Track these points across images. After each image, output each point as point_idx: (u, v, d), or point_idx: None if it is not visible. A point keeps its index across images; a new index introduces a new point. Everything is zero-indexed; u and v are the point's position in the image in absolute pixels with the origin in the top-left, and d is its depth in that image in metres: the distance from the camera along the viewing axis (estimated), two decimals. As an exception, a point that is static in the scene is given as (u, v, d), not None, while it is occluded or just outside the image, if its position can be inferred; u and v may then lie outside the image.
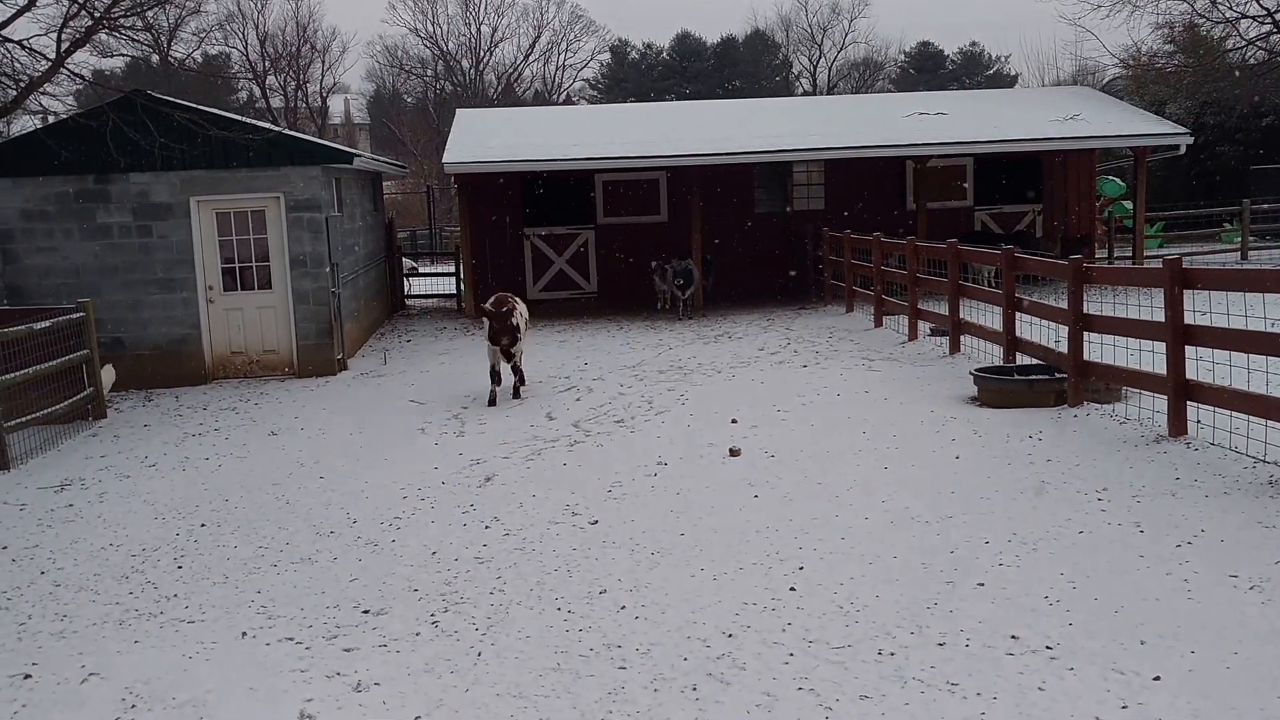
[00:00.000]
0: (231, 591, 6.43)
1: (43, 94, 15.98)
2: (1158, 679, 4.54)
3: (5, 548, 7.55)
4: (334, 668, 5.23)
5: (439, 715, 4.66)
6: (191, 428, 11.44)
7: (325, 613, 5.98)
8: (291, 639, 5.63)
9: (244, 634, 5.74)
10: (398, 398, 12.50)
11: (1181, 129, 20.13)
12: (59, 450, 10.65)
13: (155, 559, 7.12)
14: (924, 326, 13.97)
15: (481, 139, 19.76)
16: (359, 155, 16.81)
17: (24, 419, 10.37)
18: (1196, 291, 8.05)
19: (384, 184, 23.61)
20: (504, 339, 11.58)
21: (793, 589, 5.87)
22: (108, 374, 12.56)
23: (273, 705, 4.85)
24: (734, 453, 8.84)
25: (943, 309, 13.02)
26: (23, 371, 10.45)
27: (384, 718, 4.67)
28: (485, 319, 11.86)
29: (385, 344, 17.11)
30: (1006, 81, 60.62)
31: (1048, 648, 4.92)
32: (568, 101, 57.50)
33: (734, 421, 9.99)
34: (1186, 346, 8.01)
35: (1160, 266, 8.16)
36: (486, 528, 7.35)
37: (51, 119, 16.47)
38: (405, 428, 10.83)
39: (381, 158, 24.39)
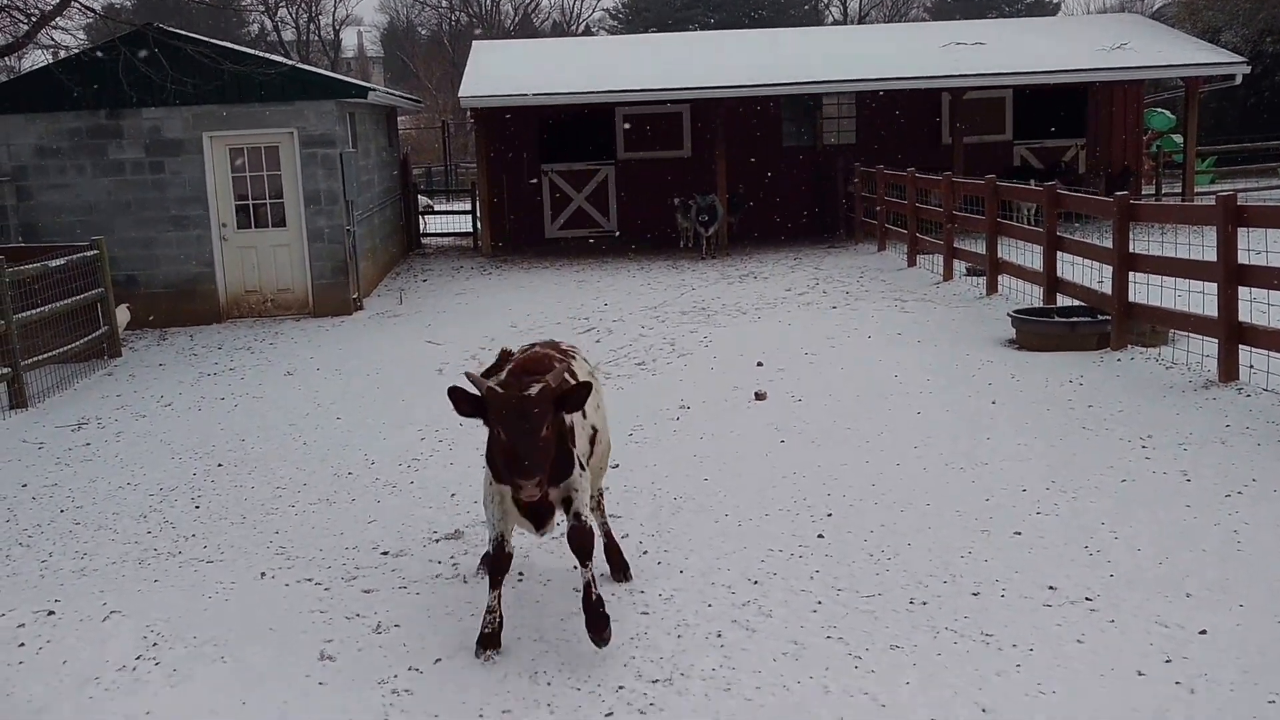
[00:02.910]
0: (249, 532, 6.35)
1: (54, 28, 15.73)
2: (1204, 633, 4.38)
3: (25, 485, 7.51)
4: (353, 609, 5.15)
5: (460, 658, 4.57)
6: (207, 367, 11.35)
7: (344, 554, 5.89)
8: (310, 580, 5.55)
9: (263, 574, 5.67)
10: (414, 338, 12.36)
11: (1237, 57, 19.45)
12: (75, 389, 10.58)
13: (172, 499, 7.05)
14: (960, 266, 13.63)
15: (498, 72, 19.37)
16: (373, 89, 16.51)
17: (40, 357, 10.30)
18: (1251, 230, 7.75)
19: (399, 119, 23.30)
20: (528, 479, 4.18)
21: (821, 536, 5.72)
22: (122, 313, 12.47)
23: (292, 645, 4.78)
24: (759, 396, 8.66)
25: (980, 248, 12.69)
26: (38, 310, 10.35)
27: (404, 660, 4.58)
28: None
29: (401, 283, 16.95)
30: (1049, 9, 58.79)
31: (1087, 599, 4.76)
32: (586, 32, 56.52)
33: (759, 364, 9.79)
34: (1240, 287, 7.72)
35: (1212, 203, 7.85)
36: (507, 470, 7.22)
37: (63, 54, 16.23)
38: (422, 368, 10.69)
39: (396, 92, 24.03)
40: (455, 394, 4.36)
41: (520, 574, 5.50)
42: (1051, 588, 4.90)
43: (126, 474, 7.65)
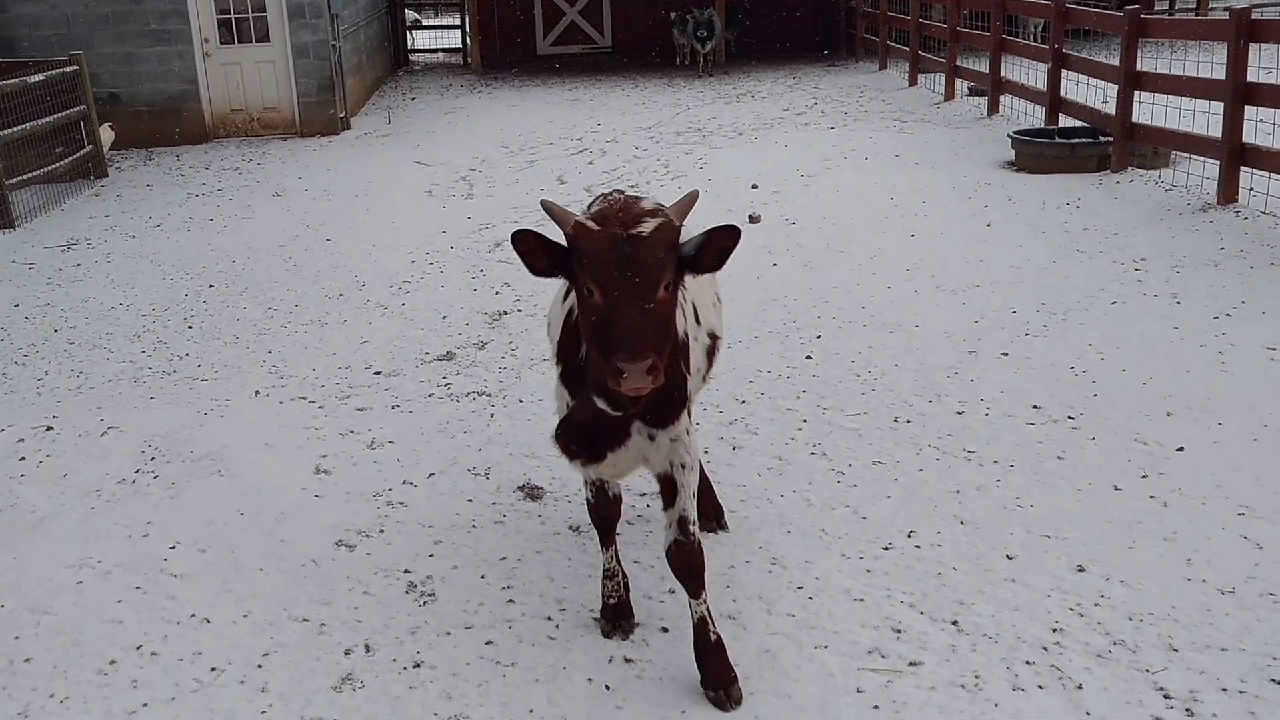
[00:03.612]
0: (242, 351, 6.38)
1: None
2: (1181, 450, 4.46)
3: (17, 305, 7.50)
4: (347, 426, 5.22)
5: (453, 473, 4.65)
6: (194, 188, 11.19)
7: (337, 373, 5.94)
8: (304, 398, 5.61)
9: (257, 393, 5.72)
10: (403, 159, 12.15)
11: None
12: (62, 210, 10.44)
13: (165, 319, 7.05)
14: (962, 85, 13.32)
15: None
16: (357, -107, 15.66)
17: (25, 177, 10.11)
18: (1264, 47, 7.51)
19: (386, -72, 22.17)
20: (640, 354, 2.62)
21: (809, 357, 5.76)
22: (106, 133, 12.18)
23: (288, 460, 4.87)
24: (753, 219, 8.57)
25: (983, 66, 12.37)
26: (20, 127, 10.10)
27: (398, 474, 4.68)
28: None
29: (389, 102, 16.52)
30: None
31: (1070, 418, 4.83)
32: None
33: (754, 187, 9.66)
34: (1246, 107, 7.56)
35: (1225, 18, 7.57)
36: (497, 293, 7.21)
37: None
38: (412, 190, 10.56)
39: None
40: (525, 240, 2.82)
41: (520, 398, 5.55)
42: (1035, 406, 4.97)
43: (118, 294, 7.64)
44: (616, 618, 3.50)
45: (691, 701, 3.12)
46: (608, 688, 3.23)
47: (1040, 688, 3.09)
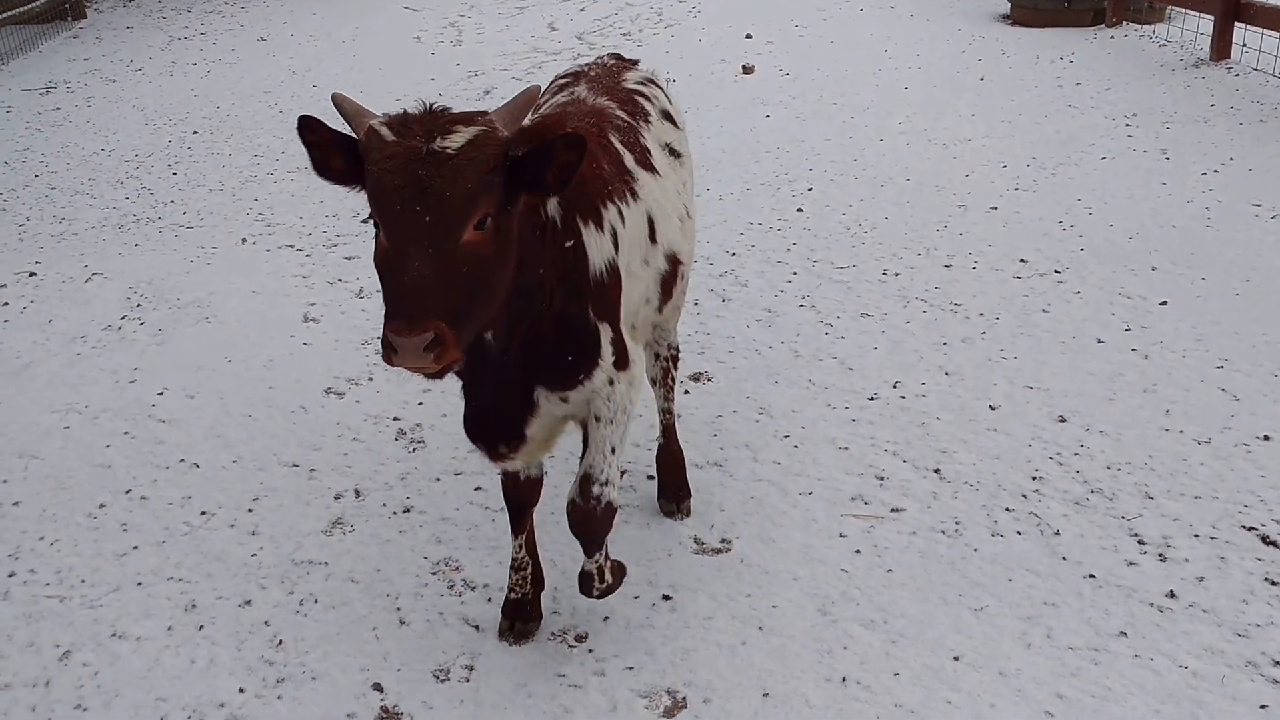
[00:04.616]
0: (229, 199, 6.31)
1: None
2: (1164, 304, 4.49)
3: (-6, 150, 7.38)
4: (335, 274, 5.21)
5: (442, 323, 4.66)
6: (176, 31, 10.86)
7: (325, 222, 5.90)
8: (292, 246, 5.58)
9: (244, 240, 5.69)
10: (391, 4, 11.78)
11: None
12: (39, 52, 10.15)
13: (149, 165, 6.95)
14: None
15: None
16: None
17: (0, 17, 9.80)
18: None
19: None
20: None
21: (800, 210, 5.72)
22: (80, -30, 11.75)
23: (276, 307, 4.87)
24: (747, 70, 8.39)
25: (983, -87, 11.93)
26: (-15, -37, 9.72)
27: (387, 322, 4.68)
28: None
29: (375, -57, 15.89)
30: None
31: (1056, 272, 4.84)
32: None
33: (749, 37, 9.44)
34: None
35: None
36: (486, 141, 7.10)
37: None
38: (399, 36, 10.27)
39: None
40: (314, 131, 2.20)
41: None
42: (1023, 260, 4.97)
43: (100, 140, 7.50)
44: (515, 615, 2.89)
45: (675, 543, 3.21)
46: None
47: (1019, 533, 3.17)
